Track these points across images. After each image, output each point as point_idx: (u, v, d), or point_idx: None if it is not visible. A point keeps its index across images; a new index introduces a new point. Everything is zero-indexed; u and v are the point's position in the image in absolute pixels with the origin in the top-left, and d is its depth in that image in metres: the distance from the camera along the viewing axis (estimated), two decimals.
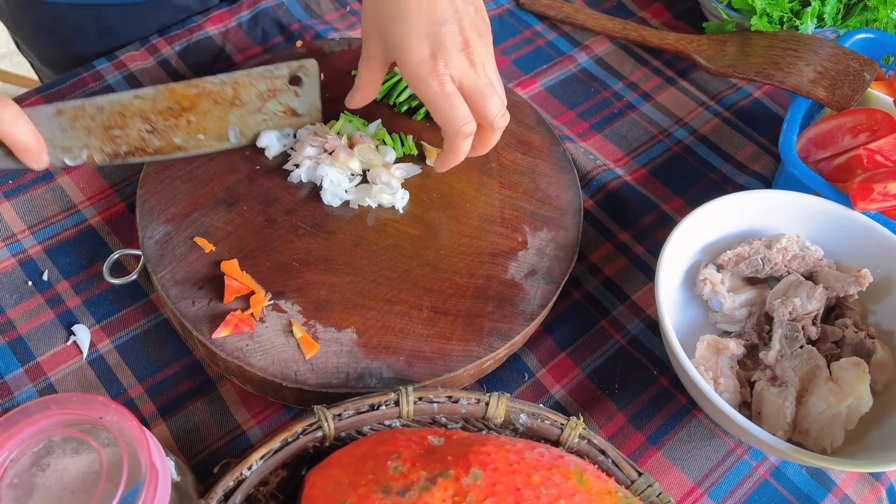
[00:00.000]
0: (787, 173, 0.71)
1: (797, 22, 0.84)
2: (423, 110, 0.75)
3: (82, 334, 0.64)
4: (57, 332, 0.64)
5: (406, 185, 0.69)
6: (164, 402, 0.62)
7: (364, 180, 0.68)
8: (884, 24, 0.85)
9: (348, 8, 0.91)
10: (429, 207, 0.68)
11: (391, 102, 0.76)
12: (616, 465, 0.52)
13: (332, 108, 0.75)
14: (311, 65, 0.68)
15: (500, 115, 0.59)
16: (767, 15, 0.84)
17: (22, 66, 2.03)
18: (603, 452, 0.52)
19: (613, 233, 0.75)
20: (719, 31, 0.89)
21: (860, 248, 0.66)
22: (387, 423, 0.53)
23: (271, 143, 0.69)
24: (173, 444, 0.60)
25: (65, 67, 0.83)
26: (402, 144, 0.72)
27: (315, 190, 0.68)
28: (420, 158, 0.72)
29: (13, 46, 1.01)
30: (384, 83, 0.76)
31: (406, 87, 0.76)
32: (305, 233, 0.66)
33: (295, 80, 0.68)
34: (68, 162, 0.62)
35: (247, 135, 0.68)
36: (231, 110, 0.66)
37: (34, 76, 1.17)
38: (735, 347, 0.62)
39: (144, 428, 0.45)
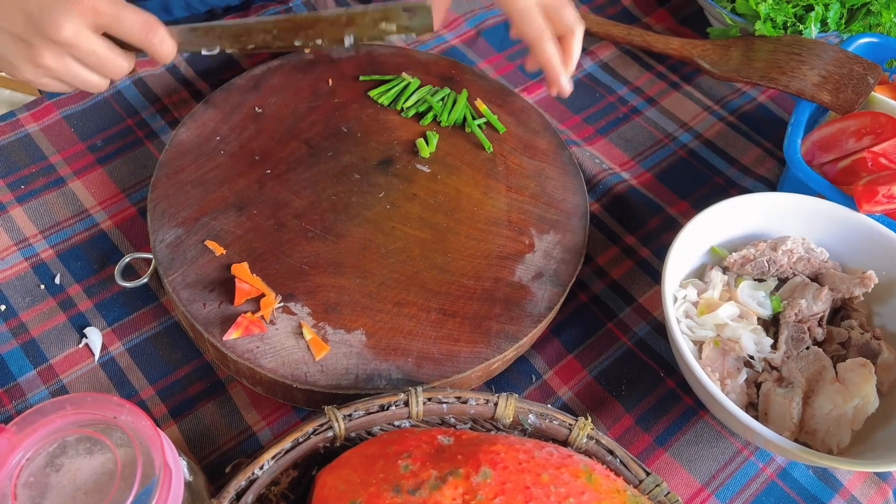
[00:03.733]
0: (792, 176, 0.72)
1: (801, 27, 0.85)
2: (430, 115, 0.76)
3: (94, 337, 0.64)
4: (69, 334, 0.65)
5: (414, 189, 0.70)
6: (175, 404, 0.62)
7: None
8: (887, 28, 0.86)
9: None
10: (436, 211, 0.69)
11: (399, 108, 0.76)
12: (624, 465, 0.52)
13: (340, 111, 0.75)
14: (421, 4, 0.68)
15: (575, 20, 0.68)
16: (771, 20, 0.84)
17: None
18: (611, 452, 0.52)
19: (619, 236, 0.76)
20: (723, 36, 0.90)
21: (865, 250, 0.67)
22: (396, 423, 0.53)
23: None
24: (184, 446, 0.61)
25: None
26: (427, 143, 0.73)
27: (321, 194, 0.69)
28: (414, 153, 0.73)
29: None
30: (390, 90, 0.76)
31: (413, 93, 0.77)
32: (314, 236, 0.66)
33: (408, 9, 0.68)
34: (204, 52, 0.67)
35: (361, 40, 0.69)
36: (346, 28, 0.69)
37: None
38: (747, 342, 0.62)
39: (158, 428, 0.45)
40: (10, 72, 0.59)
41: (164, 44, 0.61)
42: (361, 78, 0.78)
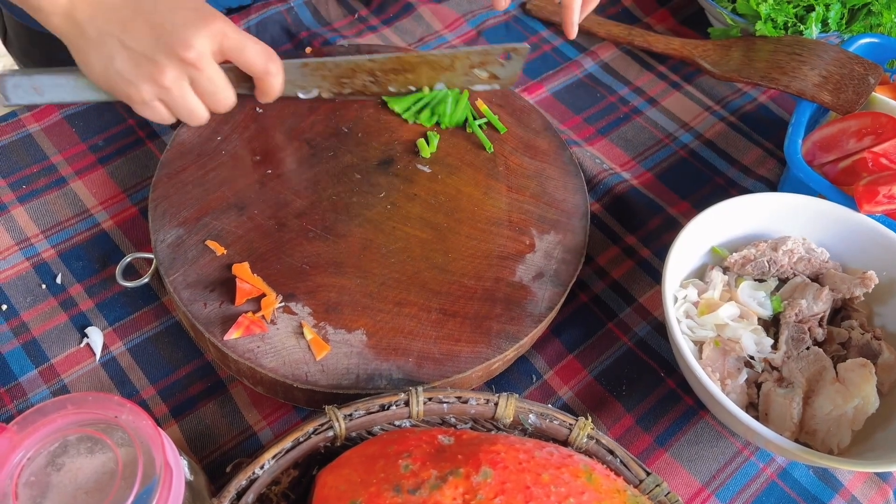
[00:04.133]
0: (793, 177, 0.72)
1: (801, 27, 0.85)
2: (431, 115, 0.76)
3: (95, 336, 0.64)
4: (70, 334, 0.65)
5: (415, 189, 0.70)
6: (176, 404, 0.62)
7: None
8: (888, 28, 0.86)
9: (356, 15, 0.92)
10: (437, 211, 0.69)
11: (402, 111, 0.76)
12: (624, 465, 0.52)
13: (341, 111, 0.76)
14: (523, 48, 0.71)
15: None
16: (772, 20, 0.84)
17: None
18: (611, 452, 0.52)
19: (620, 236, 0.76)
20: (724, 36, 0.90)
21: (866, 250, 0.67)
22: (397, 423, 0.53)
23: None
24: (185, 445, 0.61)
25: None
26: (428, 143, 0.74)
27: (322, 194, 0.69)
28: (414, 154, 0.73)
29: None
30: (412, 103, 0.76)
31: (423, 100, 0.76)
32: (315, 236, 0.66)
33: (505, 57, 0.72)
34: (301, 95, 0.69)
35: (451, 89, 0.74)
36: (443, 74, 0.72)
37: None
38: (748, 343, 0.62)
39: (158, 427, 0.46)
40: (128, 92, 0.58)
41: (278, 76, 0.62)
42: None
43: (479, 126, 0.76)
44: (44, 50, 0.90)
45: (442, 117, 0.75)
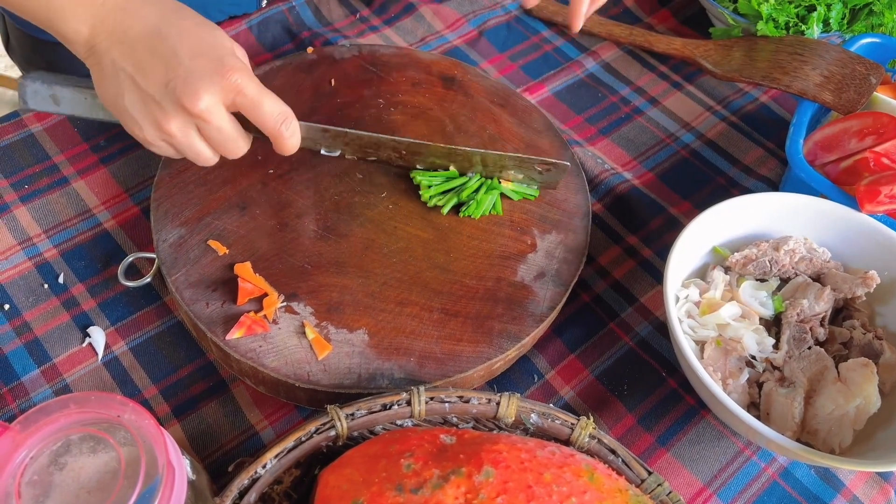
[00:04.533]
0: (794, 176, 0.72)
1: (803, 27, 0.85)
2: (460, 205, 0.71)
3: (97, 336, 0.65)
4: (72, 333, 0.65)
5: (417, 189, 0.70)
6: (178, 403, 0.63)
7: None
8: (889, 28, 0.86)
9: (358, 16, 0.93)
10: (438, 210, 0.69)
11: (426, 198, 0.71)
12: (626, 465, 0.52)
13: (343, 112, 0.76)
14: (562, 165, 0.69)
15: None
16: (773, 20, 0.84)
17: None
18: (613, 452, 0.52)
19: (621, 236, 0.76)
20: (725, 36, 0.90)
21: (867, 250, 0.67)
22: (399, 422, 0.53)
23: None
24: (187, 445, 0.61)
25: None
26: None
27: (324, 194, 0.69)
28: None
29: None
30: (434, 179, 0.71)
31: (450, 187, 0.71)
32: (317, 236, 0.66)
33: (546, 165, 0.69)
34: (323, 152, 0.65)
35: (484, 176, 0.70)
36: (473, 167, 0.70)
37: None
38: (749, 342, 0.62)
39: (161, 427, 0.46)
40: (132, 129, 0.57)
41: (293, 137, 0.59)
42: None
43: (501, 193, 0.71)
44: (46, 58, 0.90)
45: (468, 205, 0.69)
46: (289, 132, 0.58)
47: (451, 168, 0.70)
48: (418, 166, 0.69)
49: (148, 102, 0.54)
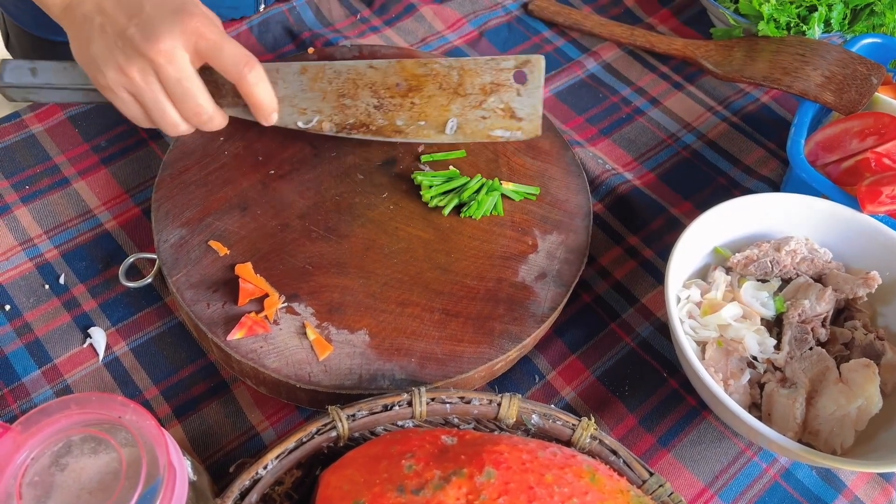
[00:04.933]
0: (796, 177, 0.72)
1: (804, 27, 0.85)
2: (460, 205, 0.71)
3: (98, 337, 0.65)
4: (73, 334, 0.65)
5: (418, 189, 0.70)
6: (179, 404, 0.63)
7: None
8: (890, 28, 0.86)
9: (358, 16, 0.93)
10: (439, 211, 0.69)
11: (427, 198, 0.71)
12: (627, 465, 0.52)
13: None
14: (537, 60, 0.66)
15: None
16: (775, 20, 0.84)
17: None
18: (614, 452, 0.52)
19: (622, 236, 0.76)
20: (727, 36, 0.90)
21: (869, 250, 0.67)
22: (400, 423, 0.53)
23: None
24: (188, 446, 0.61)
25: None
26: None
27: (325, 195, 0.69)
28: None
29: None
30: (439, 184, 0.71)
31: (453, 187, 0.71)
32: (318, 237, 0.66)
33: (519, 78, 0.67)
34: (300, 124, 0.65)
35: (465, 131, 0.67)
36: (454, 99, 0.67)
37: None
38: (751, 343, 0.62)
39: (162, 427, 0.46)
40: (96, 76, 0.58)
41: (259, 84, 0.58)
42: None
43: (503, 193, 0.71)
44: (44, 56, 0.90)
45: (469, 205, 0.69)
46: (253, 77, 0.58)
47: (425, 123, 0.67)
48: (399, 122, 0.66)
49: (112, 47, 0.55)
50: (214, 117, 0.60)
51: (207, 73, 0.62)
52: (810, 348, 0.63)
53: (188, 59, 0.56)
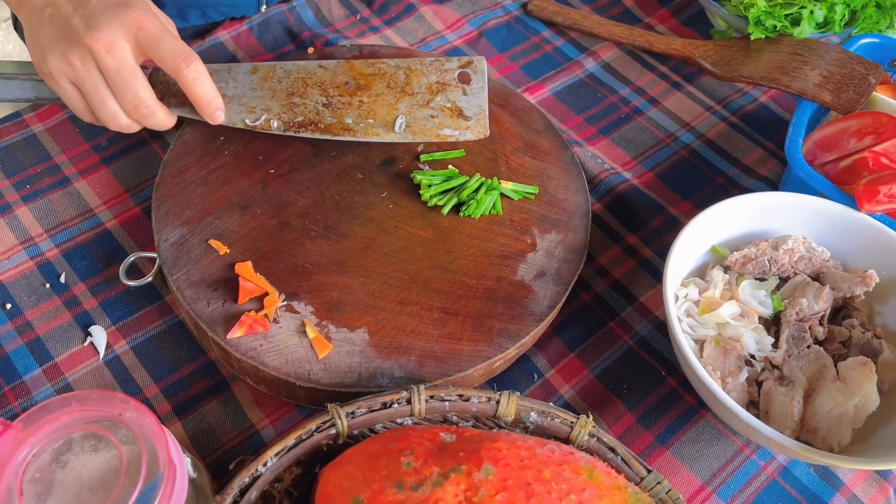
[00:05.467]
0: (794, 176, 0.72)
1: (793, 30, 0.84)
2: (461, 205, 0.71)
3: (99, 335, 0.65)
4: (74, 333, 0.65)
5: (417, 188, 0.71)
6: (179, 402, 0.63)
7: None
8: (875, 23, 0.85)
9: (358, 16, 0.93)
10: (438, 210, 0.69)
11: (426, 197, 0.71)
12: (625, 463, 0.52)
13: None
14: (479, 61, 0.70)
15: None
16: (761, 24, 0.84)
17: None
18: (612, 450, 0.52)
19: (621, 235, 0.76)
20: (725, 36, 0.90)
21: (866, 249, 0.67)
22: (399, 421, 0.53)
23: None
24: (188, 443, 0.61)
25: None
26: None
27: (325, 193, 0.69)
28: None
29: (26, 55, 1.03)
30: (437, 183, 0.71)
31: (452, 186, 0.71)
32: (318, 235, 0.67)
33: (464, 78, 0.69)
34: (248, 122, 0.66)
35: (414, 129, 0.69)
36: (401, 98, 0.68)
37: None
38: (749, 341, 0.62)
39: (162, 425, 0.46)
40: (40, 65, 0.59)
41: (198, 80, 0.59)
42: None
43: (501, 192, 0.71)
44: None
45: (468, 205, 0.69)
46: (191, 72, 0.59)
47: (374, 122, 0.68)
48: (348, 119, 0.68)
49: (57, 36, 0.57)
50: (156, 111, 0.61)
51: (159, 74, 0.64)
52: (808, 346, 0.63)
53: (129, 50, 0.57)
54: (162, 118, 0.61)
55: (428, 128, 0.69)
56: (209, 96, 0.61)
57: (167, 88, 0.63)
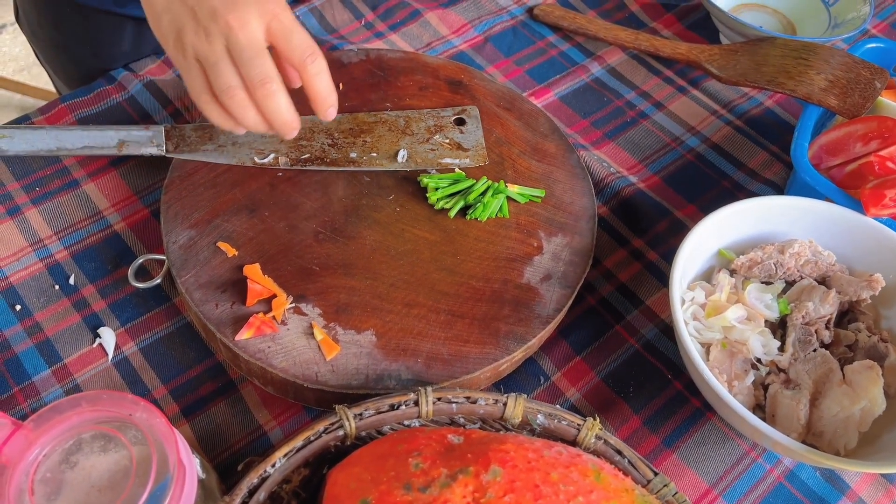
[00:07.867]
0: (800, 180, 0.72)
1: None
2: (467, 208, 0.71)
3: (108, 337, 0.65)
4: (83, 334, 0.66)
5: (423, 191, 0.71)
6: (187, 404, 0.63)
7: None
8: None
9: (363, 21, 0.93)
10: (445, 213, 0.70)
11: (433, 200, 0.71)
12: (632, 465, 0.52)
13: (349, 114, 0.76)
14: (472, 109, 0.77)
15: None
16: None
17: (41, 78, 2.06)
18: (619, 452, 0.53)
19: (627, 239, 0.76)
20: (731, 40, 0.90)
21: (872, 253, 0.67)
22: (406, 422, 0.54)
23: None
24: (196, 445, 0.61)
25: (85, 81, 0.85)
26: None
27: (332, 196, 0.70)
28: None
29: (32, 58, 1.03)
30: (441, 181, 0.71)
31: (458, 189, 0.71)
32: (325, 238, 0.67)
33: (459, 121, 0.76)
34: (256, 160, 0.71)
35: (415, 159, 0.73)
36: (402, 137, 0.75)
37: (52, 87, 1.20)
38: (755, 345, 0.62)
39: (172, 426, 0.46)
40: (167, 40, 0.59)
41: (320, 75, 0.60)
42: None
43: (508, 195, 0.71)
44: (48, 32, 0.92)
45: (474, 208, 0.70)
46: (315, 68, 0.60)
47: (377, 154, 0.72)
48: (352, 154, 0.72)
49: (192, 13, 0.57)
50: (281, 92, 0.59)
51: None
52: (814, 350, 0.63)
53: (261, 32, 0.57)
54: (284, 102, 0.59)
55: (429, 158, 0.73)
56: (326, 93, 0.62)
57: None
